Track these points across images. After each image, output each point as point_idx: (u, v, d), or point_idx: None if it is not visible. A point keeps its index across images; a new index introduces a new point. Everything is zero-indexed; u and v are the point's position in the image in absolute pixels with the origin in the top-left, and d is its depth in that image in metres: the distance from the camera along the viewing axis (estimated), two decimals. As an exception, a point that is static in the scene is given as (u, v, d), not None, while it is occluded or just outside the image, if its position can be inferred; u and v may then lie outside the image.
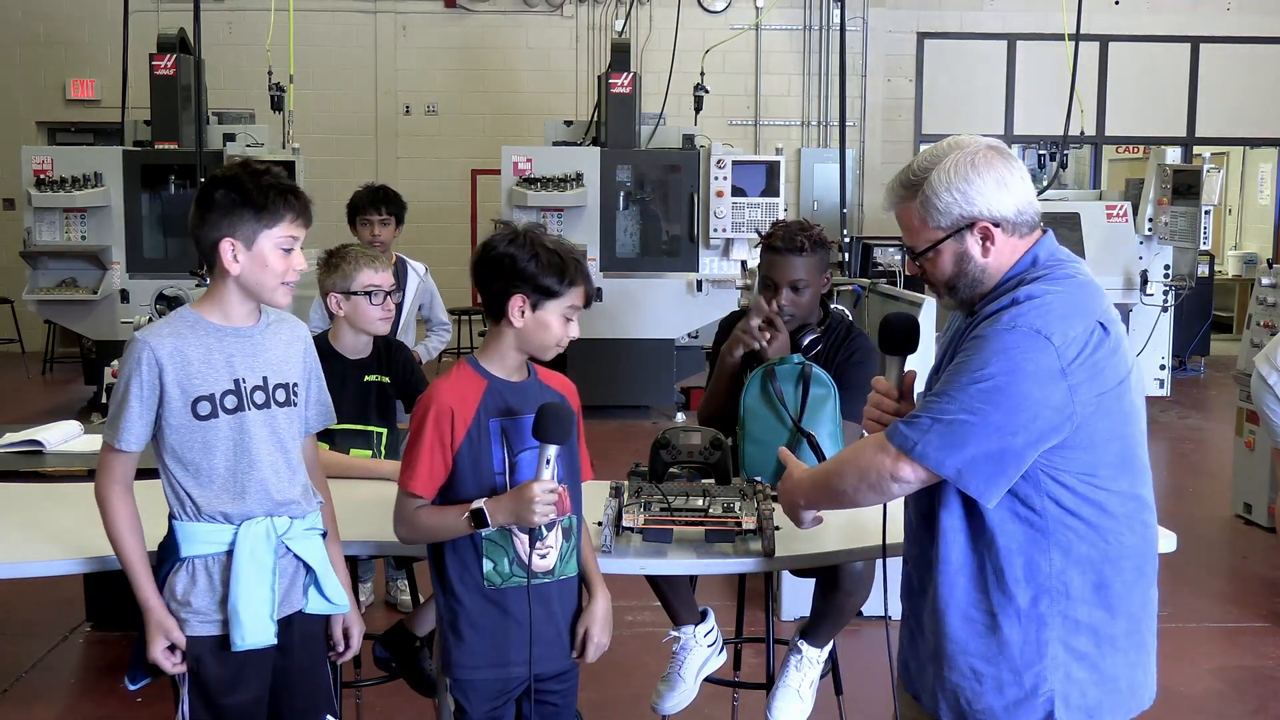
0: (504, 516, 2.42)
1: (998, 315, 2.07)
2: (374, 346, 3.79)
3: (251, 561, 2.43)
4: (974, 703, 2.13)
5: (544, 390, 2.56)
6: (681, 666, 3.34)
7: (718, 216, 9.30)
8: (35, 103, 12.68)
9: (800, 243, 3.43)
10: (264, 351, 2.50)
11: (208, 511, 2.44)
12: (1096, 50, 13.06)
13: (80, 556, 2.78)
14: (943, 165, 2.12)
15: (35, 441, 4.22)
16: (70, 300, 9.22)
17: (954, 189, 2.11)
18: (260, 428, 2.47)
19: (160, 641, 2.44)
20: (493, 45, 12.83)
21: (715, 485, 2.97)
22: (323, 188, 10.85)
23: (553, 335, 2.49)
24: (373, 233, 5.41)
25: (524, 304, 2.46)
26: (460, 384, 2.50)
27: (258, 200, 2.40)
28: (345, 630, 2.71)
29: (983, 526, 2.10)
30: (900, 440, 2.08)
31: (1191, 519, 6.62)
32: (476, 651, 2.51)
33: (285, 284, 2.47)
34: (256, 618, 2.44)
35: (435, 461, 2.46)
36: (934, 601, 2.16)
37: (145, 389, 2.39)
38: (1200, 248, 9.43)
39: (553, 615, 2.56)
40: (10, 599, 5.00)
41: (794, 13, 12.91)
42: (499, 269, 2.47)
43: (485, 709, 2.54)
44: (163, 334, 2.42)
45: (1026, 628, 2.10)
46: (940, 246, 2.15)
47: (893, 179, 2.22)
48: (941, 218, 2.13)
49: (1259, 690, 4.47)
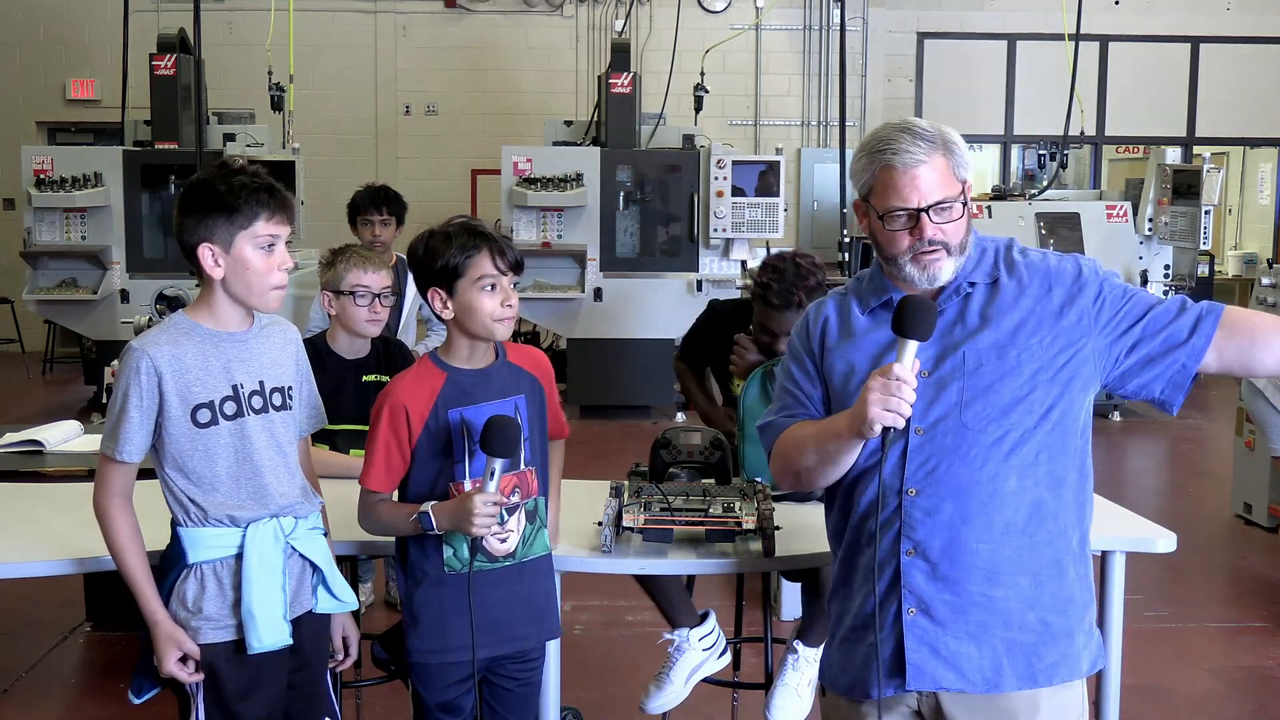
0: (447, 522, 2.46)
1: (1022, 259, 2.22)
2: (373, 346, 3.79)
3: (262, 563, 2.42)
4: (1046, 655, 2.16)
5: (511, 371, 2.60)
6: (673, 668, 3.34)
7: (718, 216, 9.30)
8: (35, 103, 12.68)
9: (798, 299, 3.49)
10: (259, 355, 2.49)
11: (214, 516, 2.42)
12: (1096, 50, 13.06)
13: (80, 556, 2.78)
14: (942, 125, 2.18)
15: (35, 441, 4.22)
16: (70, 300, 9.22)
17: (961, 143, 2.18)
18: (260, 433, 2.46)
19: (173, 654, 2.41)
20: (493, 45, 12.83)
21: (715, 485, 2.98)
22: (323, 188, 10.91)
23: (483, 312, 2.49)
24: (374, 233, 5.41)
25: (439, 295, 2.51)
26: (417, 380, 2.54)
27: (229, 202, 2.36)
28: (344, 638, 2.72)
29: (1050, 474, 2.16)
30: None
31: (1191, 519, 6.62)
32: (430, 636, 2.56)
33: (275, 288, 2.42)
34: (271, 619, 2.42)
35: (391, 457, 2.52)
36: (999, 564, 2.15)
37: (145, 398, 2.36)
38: (1200, 248, 9.42)
39: (516, 597, 2.59)
40: (10, 599, 5.00)
41: (794, 13, 12.91)
42: (414, 272, 2.55)
43: (442, 695, 2.59)
44: (160, 342, 2.39)
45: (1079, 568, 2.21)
46: (962, 199, 2.17)
47: (901, 136, 2.14)
48: (962, 169, 2.17)
49: (1259, 690, 4.47)
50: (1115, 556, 2.89)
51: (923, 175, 2.12)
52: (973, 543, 2.13)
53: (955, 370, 2.15)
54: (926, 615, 2.15)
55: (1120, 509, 3.16)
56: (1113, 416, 9.51)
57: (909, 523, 2.15)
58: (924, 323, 2.08)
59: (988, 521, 2.12)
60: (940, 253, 2.15)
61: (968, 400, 2.13)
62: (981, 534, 2.13)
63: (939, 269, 2.16)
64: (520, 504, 2.57)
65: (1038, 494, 2.14)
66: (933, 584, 2.14)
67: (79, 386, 10.50)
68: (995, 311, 2.17)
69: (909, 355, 2.07)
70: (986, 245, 2.24)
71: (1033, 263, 2.22)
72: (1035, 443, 2.13)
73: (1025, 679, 2.14)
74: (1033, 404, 2.13)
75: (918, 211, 2.13)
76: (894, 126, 2.16)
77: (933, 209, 2.13)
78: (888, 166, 2.13)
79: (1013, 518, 2.13)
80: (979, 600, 2.14)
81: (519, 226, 9.23)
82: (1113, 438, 9.01)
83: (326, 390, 2.81)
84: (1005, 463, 2.13)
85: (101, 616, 4.85)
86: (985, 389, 2.13)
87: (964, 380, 2.14)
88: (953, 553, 2.13)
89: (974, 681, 2.14)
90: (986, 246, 2.24)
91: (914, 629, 2.15)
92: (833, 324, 2.28)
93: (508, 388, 2.58)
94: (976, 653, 2.14)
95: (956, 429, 2.13)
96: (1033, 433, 2.13)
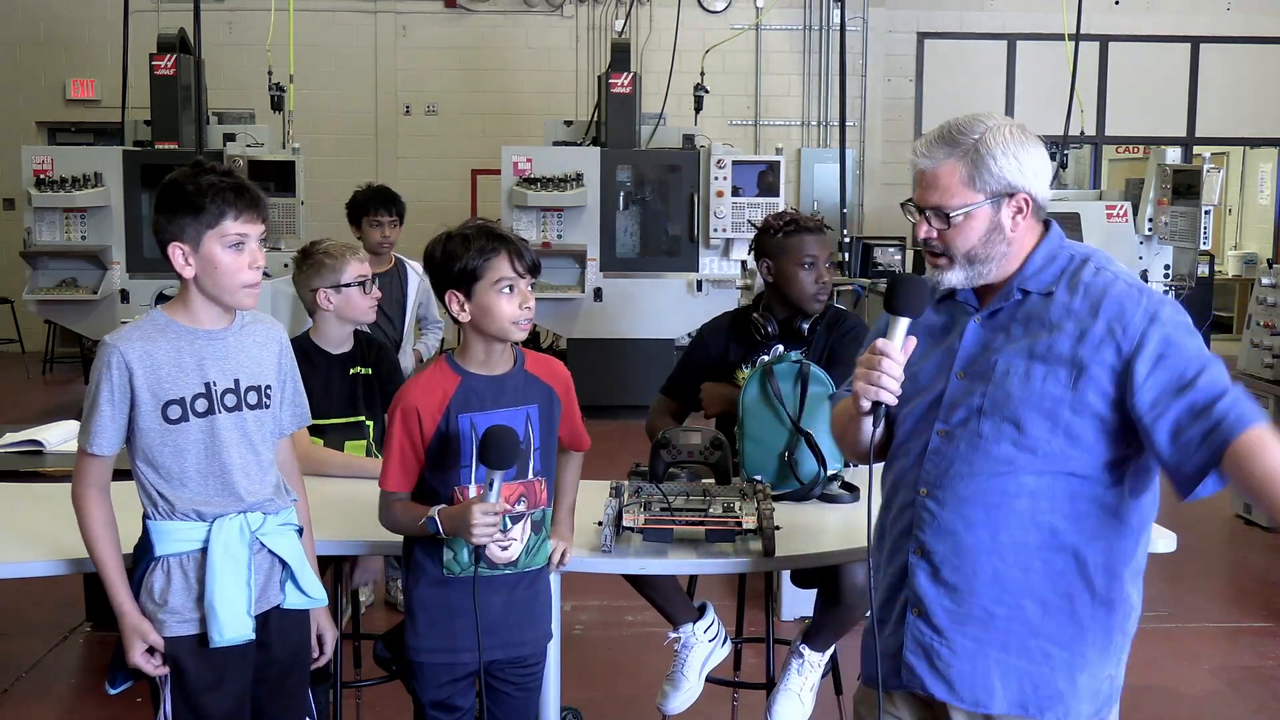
0: (450, 527, 2.48)
1: (1091, 276, 2.09)
2: (355, 340, 3.82)
3: (226, 557, 2.43)
4: (1041, 687, 2.10)
5: (527, 380, 2.59)
6: (685, 665, 3.34)
7: (718, 216, 9.30)
8: (35, 103, 12.68)
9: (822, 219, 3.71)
10: (236, 354, 2.49)
11: (181, 510, 2.44)
12: (1096, 50, 13.06)
13: (80, 557, 2.76)
14: (998, 129, 2.09)
15: (35, 441, 4.22)
16: (70, 300, 9.22)
17: (1010, 154, 2.08)
18: (231, 431, 2.46)
19: (138, 646, 2.44)
20: (493, 45, 12.83)
21: (715, 485, 2.98)
22: (323, 188, 10.90)
23: (501, 315, 2.50)
24: (384, 233, 5.42)
25: (457, 298, 2.51)
26: (431, 382, 2.55)
27: (195, 201, 2.38)
28: (319, 635, 2.71)
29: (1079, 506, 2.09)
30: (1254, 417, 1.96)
31: (1191, 519, 6.61)
32: (427, 635, 2.58)
33: (246, 286, 2.43)
34: (233, 613, 2.43)
35: (406, 458, 2.53)
36: (1008, 583, 2.09)
37: (116, 393, 2.39)
38: (1200, 248, 9.41)
39: (513, 603, 2.60)
40: (10, 599, 5.00)
41: (794, 13, 12.90)
42: (431, 275, 2.57)
43: (436, 694, 2.60)
44: (132, 338, 2.41)
45: (1099, 613, 2.12)
46: (975, 211, 2.10)
47: (931, 133, 2.14)
48: (991, 181, 2.09)
49: (1259, 690, 4.47)
50: (1115, 556, 2.88)
51: (928, 175, 2.12)
52: (976, 554, 2.09)
53: (984, 375, 2.11)
54: (926, 618, 2.13)
55: (1120, 509, 3.15)
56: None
57: (919, 522, 2.14)
58: (912, 300, 2.08)
59: (993, 535, 2.08)
60: (943, 259, 2.14)
61: (988, 409, 2.08)
62: (986, 546, 2.08)
63: (941, 274, 2.14)
64: (526, 514, 2.57)
65: (1053, 521, 2.07)
66: (934, 588, 2.12)
67: (79, 386, 10.50)
68: (1038, 326, 2.10)
69: (898, 333, 2.09)
70: (1060, 253, 2.15)
71: (1095, 284, 2.09)
72: (1052, 469, 2.06)
73: (1017, 705, 2.10)
74: (1051, 426, 2.04)
75: (918, 208, 2.14)
76: (945, 123, 2.14)
77: (932, 212, 2.12)
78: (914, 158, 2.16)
79: (1022, 538, 2.07)
80: (978, 615, 2.10)
81: (519, 227, 9.22)
82: (1113, 438, 9.00)
83: (317, 387, 2.81)
84: (1017, 479, 2.06)
85: (101, 616, 4.85)
86: (1006, 400, 2.07)
87: (988, 387, 2.09)
88: (955, 560, 2.10)
89: (963, 697, 2.12)
90: (1059, 254, 2.15)
91: (913, 630, 2.15)
92: None
93: (521, 397, 2.57)
94: (970, 668, 2.11)
95: (973, 435, 2.09)
96: (1050, 458, 2.05)
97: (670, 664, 3.38)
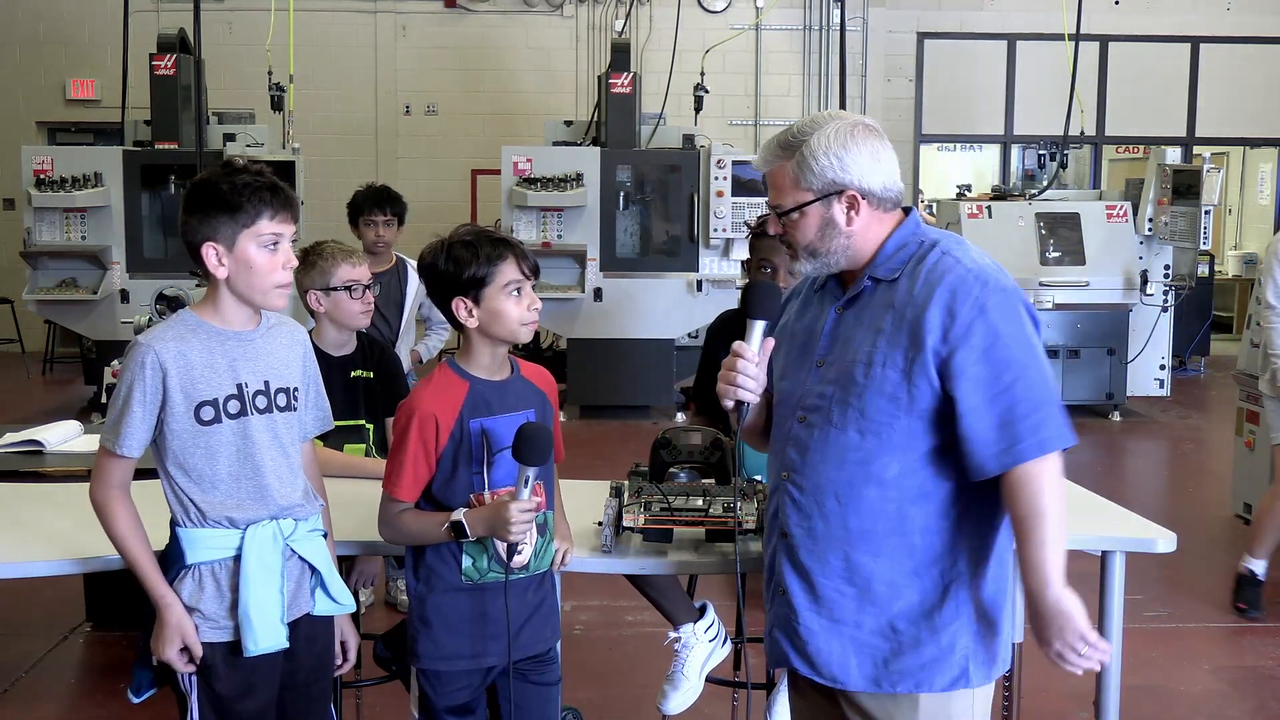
0: (482, 529, 2.48)
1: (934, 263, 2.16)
2: (358, 343, 3.81)
3: (260, 566, 2.41)
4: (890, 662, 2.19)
5: (526, 386, 2.62)
6: (685, 665, 3.34)
7: (718, 216, 9.29)
8: (35, 103, 12.67)
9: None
10: (265, 355, 2.49)
11: (213, 517, 2.41)
12: (1096, 50, 13.05)
13: (80, 556, 2.78)
14: (823, 131, 2.19)
15: (35, 441, 4.22)
16: (70, 300, 9.21)
17: (831, 154, 2.18)
18: (263, 432, 2.45)
19: (176, 642, 2.41)
20: (492, 45, 12.83)
21: (715, 485, 2.98)
22: (323, 188, 10.91)
23: (511, 317, 2.52)
24: (378, 233, 5.42)
25: (465, 303, 2.52)
26: (443, 388, 2.55)
27: (232, 200, 2.36)
28: (343, 642, 2.71)
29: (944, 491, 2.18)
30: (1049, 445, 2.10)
31: (1191, 519, 6.62)
32: (445, 643, 2.57)
33: (279, 287, 2.42)
34: (268, 622, 2.42)
35: (419, 467, 2.52)
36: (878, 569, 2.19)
37: (149, 393, 2.36)
38: (1200, 248, 9.41)
39: (525, 605, 2.61)
40: (10, 599, 5.00)
41: (794, 13, 12.90)
42: (434, 283, 2.56)
43: (451, 700, 2.60)
44: (166, 338, 2.39)
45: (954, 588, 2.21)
46: (807, 209, 2.21)
47: (770, 139, 2.28)
48: (815, 180, 2.20)
49: (1259, 690, 4.47)
50: (1115, 556, 2.89)
51: (767, 177, 2.27)
52: (827, 539, 2.20)
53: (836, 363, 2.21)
54: (786, 599, 2.25)
55: (1120, 509, 3.16)
56: (1113, 416, 9.50)
57: (781, 506, 2.26)
58: (764, 305, 2.27)
59: (842, 521, 2.18)
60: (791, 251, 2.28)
61: (839, 396, 2.18)
62: (835, 531, 2.19)
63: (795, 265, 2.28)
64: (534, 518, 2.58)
65: (901, 506, 2.16)
66: (792, 570, 2.25)
67: (79, 386, 10.50)
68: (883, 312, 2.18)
69: (755, 335, 2.26)
70: (910, 240, 2.23)
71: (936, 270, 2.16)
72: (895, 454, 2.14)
73: (870, 681, 2.19)
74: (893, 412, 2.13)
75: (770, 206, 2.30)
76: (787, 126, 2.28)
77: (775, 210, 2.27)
78: None
79: (870, 525, 2.17)
80: (832, 595, 2.20)
81: (519, 226, 9.23)
82: (1113, 438, 9.02)
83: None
84: (865, 467, 2.15)
85: (101, 616, 4.85)
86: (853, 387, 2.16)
87: (839, 374, 2.19)
88: (810, 542, 2.21)
89: (822, 674, 2.23)
90: (909, 242, 2.23)
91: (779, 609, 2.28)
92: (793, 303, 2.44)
93: (522, 401, 2.60)
94: (826, 646, 2.21)
95: (825, 422, 2.19)
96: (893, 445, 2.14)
97: (670, 664, 3.38)
